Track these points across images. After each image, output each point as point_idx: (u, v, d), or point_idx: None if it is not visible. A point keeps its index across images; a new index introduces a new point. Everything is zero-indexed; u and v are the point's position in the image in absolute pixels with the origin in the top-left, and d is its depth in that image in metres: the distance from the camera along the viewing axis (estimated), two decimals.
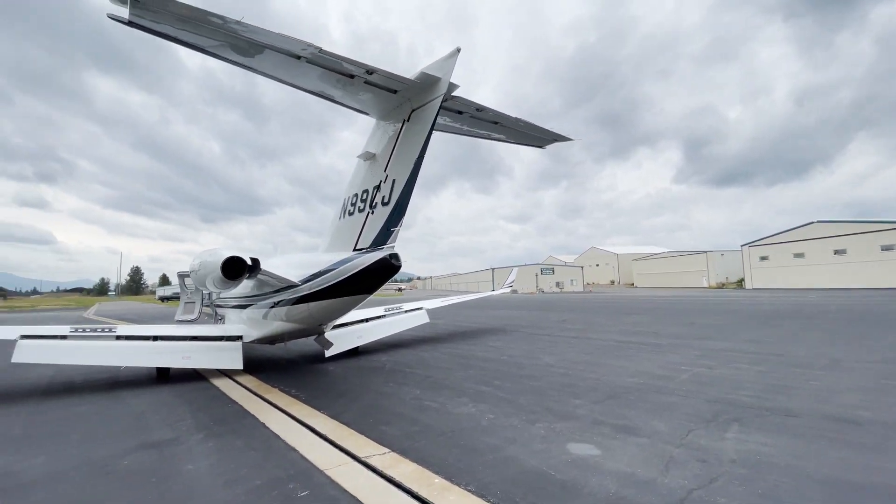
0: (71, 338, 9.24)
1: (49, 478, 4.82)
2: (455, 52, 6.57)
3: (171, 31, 5.24)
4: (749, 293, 55.27)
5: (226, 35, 5.31)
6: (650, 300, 41.35)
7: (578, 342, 14.17)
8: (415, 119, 7.30)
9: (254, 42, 5.49)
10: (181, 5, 4.69)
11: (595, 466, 4.67)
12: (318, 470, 4.84)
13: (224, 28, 5.15)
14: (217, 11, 4.99)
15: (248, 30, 5.21)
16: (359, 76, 6.52)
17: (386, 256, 7.57)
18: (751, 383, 8.04)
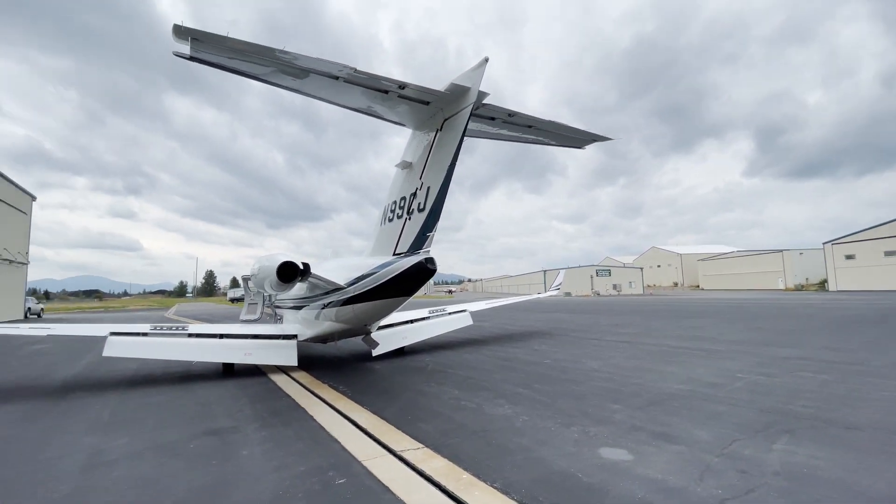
0: (151, 335, 10.38)
1: (129, 456, 5.56)
2: (483, 62, 6.75)
3: (227, 63, 5.89)
4: (831, 296, 50.03)
5: (272, 63, 5.88)
6: (715, 303, 38.71)
7: (628, 347, 13.70)
8: (447, 128, 7.56)
9: (297, 67, 6.03)
10: (233, 40, 5.29)
11: (625, 471, 4.63)
12: (356, 460, 5.19)
13: (270, 57, 5.71)
14: (268, 41, 5.56)
15: (291, 57, 5.75)
16: (392, 91, 6.91)
17: (422, 261, 7.87)
18: (813, 393, 7.46)
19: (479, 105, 7.37)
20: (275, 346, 11.08)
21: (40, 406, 8.28)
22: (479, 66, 6.83)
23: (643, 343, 14.44)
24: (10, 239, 41.66)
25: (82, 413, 7.71)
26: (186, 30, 5.20)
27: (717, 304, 38.06)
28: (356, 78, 6.43)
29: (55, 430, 6.76)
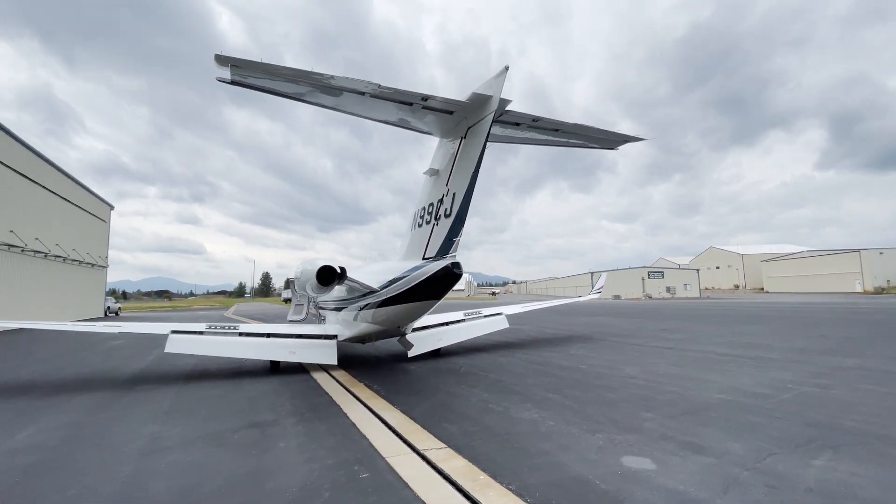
0: (206, 333, 11.26)
1: (181, 444, 6.14)
2: (504, 71, 6.84)
3: (264, 85, 6.41)
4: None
5: (304, 83, 6.33)
6: (779, 308, 36.00)
7: (671, 353, 13.16)
8: (471, 135, 7.71)
9: (327, 86, 6.45)
10: (267, 65, 5.77)
11: (645, 481, 4.56)
12: (381, 457, 5.45)
13: (301, 77, 6.15)
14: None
15: (319, 77, 6.16)
16: (416, 103, 7.17)
17: (448, 265, 8.06)
18: (867, 407, 6.89)
19: (503, 112, 7.47)
20: (316, 345, 11.66)
21: (111, 396, 9.25)
22: (499, 74, 6.94)
23: (688, 349, 13.81)
24: (92, 245, 46.24)
25: (146, 404, 8.54)
26: (226, 58, 5.73)
27: (780, 308, 35.38)
28: (381, 92, 6.76)
29: (122, 418, 7.56)
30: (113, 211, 55.02)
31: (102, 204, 50.80)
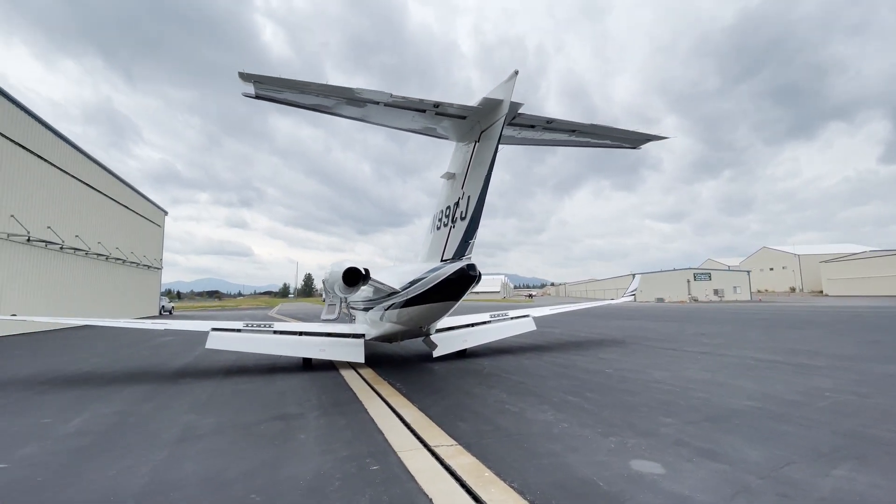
0: (244, 331, 11.93)
1: (213, 431, 6.61)
2: (513, 75, 6.91)
3: (287, 98, 6.82)
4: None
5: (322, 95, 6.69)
6: (834, 312, 33.50)
7: (706, 358, 12.64)
8: (484, 139, 7.83)
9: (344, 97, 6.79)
10: (285, 80, 6.17)
11: (651, 484, 4.51)
12: (393, 451, 5.66)
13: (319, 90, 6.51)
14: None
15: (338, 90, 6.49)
16: (429, 110, 7.36)
17: (463, 267, 8.19)
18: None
19: (515, 115, 7.53)
20: (345, 343, 12.08)
21: (156, 388, 10.01)
22: (509, 79, 7.03)
23: (726, 354, 13.21)
24: (149, 248, 49.64)
25: (186, 395, 9.19)
26: (249, 75, 6.17)
27: (836, 313, 32.91)
28: (395, 101, 7.02)
29: (164, 408, 8.19)
30: (167, 216, 58.84)
31: (158, 210, 54.44)
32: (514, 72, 6.88)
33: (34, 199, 26.32)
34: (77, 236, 31.27)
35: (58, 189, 29.24)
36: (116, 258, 38.76)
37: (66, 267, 30.32)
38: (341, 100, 6.88)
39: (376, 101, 6.95)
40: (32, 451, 5.86)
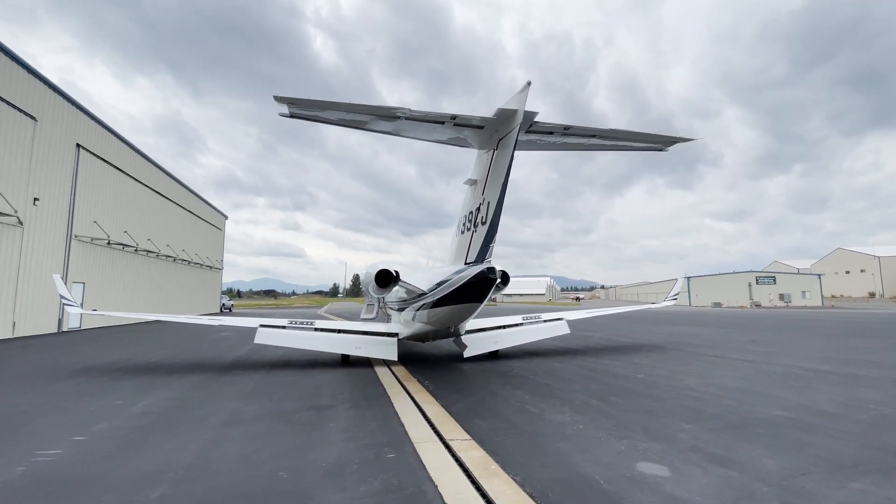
0: (288, 328, 12.85)
1: (254, 419, 7.32)
2: (526, 86, 7.14)
3: (318, 116, 7.45)
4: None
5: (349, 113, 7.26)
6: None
7: (748, 367, 12.09)
8: (501, 146, 8.10)
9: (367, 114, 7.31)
10: (315, 101, 6.79)
11: (652, 486, 4.60)
12: (410, 442, 6.06)
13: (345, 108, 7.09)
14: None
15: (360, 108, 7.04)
16: (447, 121, 7.73)
17: (484, 270, 8.47)
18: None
19: (531, 123, 7.74)
20: (379, 342, 12.69)
21: (210, 378, 11.05)
22: (522, 90, 7.27)
23: (772, 363, 12.54)
24: (210, 250, 53.55)
25: (235, 385, 10.11)
26: (283, 98, 6.84)
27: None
28: (414, 115, 7.47)
29: (214, 395, 9.09)
30: (228, 220, 63.18)
31: (219, 214, 58.61)
32: (526, 83, 7.11)
33: (113, 206, 29.37)
34: (149, 239, 34.45)
35: (132, 196, 32.40)
36: (183, 259, 42.22)
37: (139, 267, 33.50)
38: (366, 116, 7.43)
39: (397, 116, 7.44)
40: (105, 427, 6.81)
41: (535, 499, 4.35)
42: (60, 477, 4.91)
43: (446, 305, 9.73)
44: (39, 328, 22.09)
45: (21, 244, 20.70)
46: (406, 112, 7.30)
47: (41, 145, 21.86)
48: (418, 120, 7.67)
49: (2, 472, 5.02)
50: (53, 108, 22.72)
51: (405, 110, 7.24)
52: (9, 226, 19.92)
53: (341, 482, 4.75)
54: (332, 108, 7.12)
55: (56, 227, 23.48)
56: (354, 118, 7.54)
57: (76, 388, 9.77)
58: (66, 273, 24.28)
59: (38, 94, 21.53)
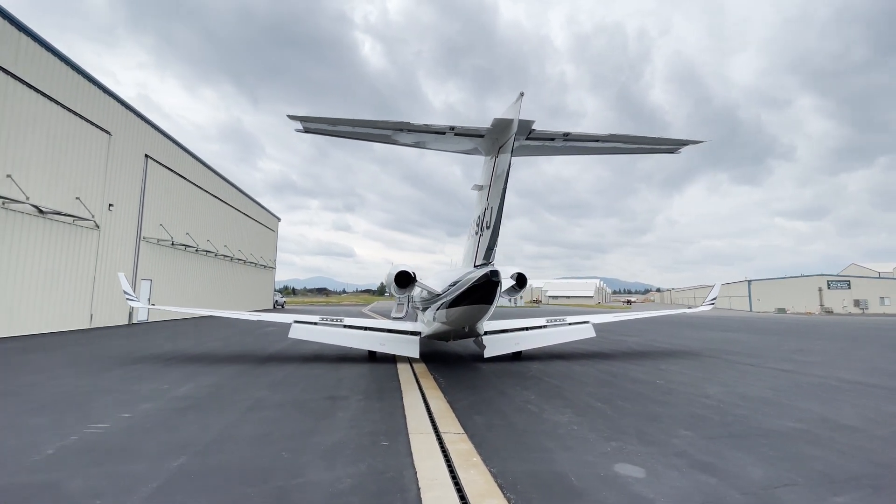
0: (319, 324, 13.73)
1: (275, 405, 8.07)
2: (519, 97, 7.36)
3: (329, 130, 8.10)
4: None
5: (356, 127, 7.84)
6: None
7: (782, 376, 11.48)
8: (501, 153, 8.36)
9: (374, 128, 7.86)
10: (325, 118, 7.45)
11: (620, 486, 4.74)
12: (406, 432, 6.50)
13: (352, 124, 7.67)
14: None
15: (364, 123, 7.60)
16: (448, 132, 8.12)
17: (487, 273, 8.76)
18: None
19: (530, 132, 7.94)
20: (403, 339, 13.25)
21: (248, 368, 12.08)
22: (516, 101, 7.55)
23: (810, 373, 11.82)
24: (265, 250, 56.99)
25: (267, 376, 11.02)
26: (296, 116, 7.54)
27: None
28: (416, 127, 7.92)
29: (248, 384, 10.01)
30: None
31: (272, 216, 62.26)
32: (520, 94, 7.35)
33: (176, 210, 32.22)
34: (208, 240, 37.38)
35: (193, 201, 35.34)
36: (238, 259, 45.33)
37: (199, 266, 36.45)
38: (373, 131, 7.99)
39: (400, 129, 7.93)
40: (149, 407, 7.80)
41: (503, 489, 4.64)
42: (104, 446, 5.80)
43: (458, 306, 10.10)
44: (113, 320, 24.76)
45: (98, 245, 23.35)
46: (407, 125, 7.78)
47: (115, 157, 24.52)
48: (420, 132, 8.12)
49: (60, 439, 6.00)
50: (125, 123, 25.41)
51: (406, 123, 7.72)
52: (87, 229, 22.56)
53: (332, 463, 5.28)
54: (339, 123, 7.74)
55: (127, 229, 26.21)
56: (362, 132, 8.12)
57: (133, 373, 11.08)
58: (136, 271, 27.02)
59: (112, 110, 24.18)
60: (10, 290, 18.01)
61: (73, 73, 21.09)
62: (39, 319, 19.52)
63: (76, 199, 21.53)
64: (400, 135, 8.19)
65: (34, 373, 10.86)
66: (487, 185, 9.22)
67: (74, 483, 4.65)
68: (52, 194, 19.99)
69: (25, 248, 18.69)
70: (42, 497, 4.34)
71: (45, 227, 19.81)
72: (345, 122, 7.73)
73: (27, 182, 18.42)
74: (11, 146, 17.85)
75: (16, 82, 17.84)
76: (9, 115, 17.64)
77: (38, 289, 19.44)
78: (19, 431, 6.34)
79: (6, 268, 17.80)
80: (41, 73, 19.11)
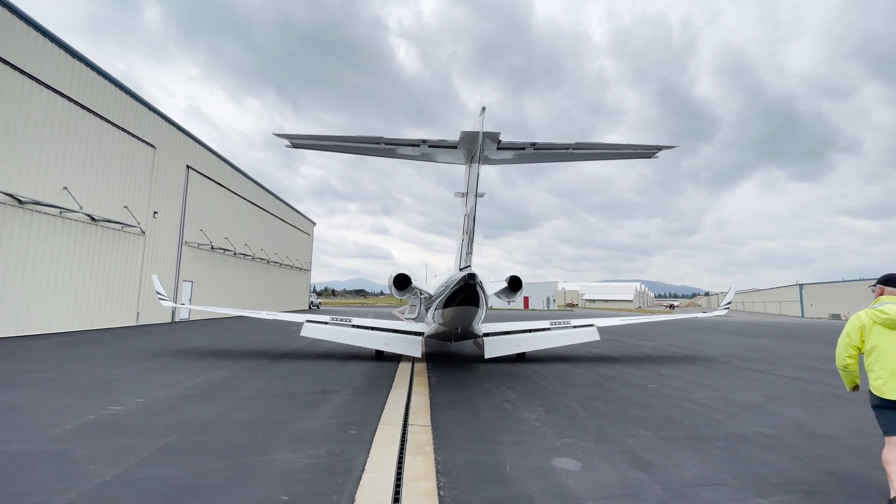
0: (329, 324, 14.56)
1: (271, 396, 8.84)
2: (482, 111, 7.79)
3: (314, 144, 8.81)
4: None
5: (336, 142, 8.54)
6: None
7: (787, 384, 11.15)
8: (472, 163, 8.76)
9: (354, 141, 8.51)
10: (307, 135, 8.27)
11: (548, 477, 5.04)
12: (377, 423, 7.05)
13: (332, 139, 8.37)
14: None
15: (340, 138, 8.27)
16: (421, 145, 8.66)
17: (465, 276, 9.18)
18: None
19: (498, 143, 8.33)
20: (406, 339, 13.84)
21: (261, 363, 13.05)
22: (480, 114, 7.98)
23: (819, 382, 11.39)
24: (300, 253, 59.56)
25: (276, 370, 11.90)
26: (281, 135, 8.33)
27: None
28: (392, 141, 8.51)
29: (255, 377, 10.89)
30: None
31: (307, 221, 64.98)
32: (482, 108, 7.78)
33: (215, 217, 34.53)
34: (245, 244, 39.68)
35: (231, 207, 37.68)
36: (274, 262, 47.71)
37: (237, 268, 38.76)
38: (353, 144, 8.64)
39: (377, 143, 8.54)
40: (161, 395, 8.77)
41: (439, 474, 5.08)
42: (113, 424, 6.72)
43: (448, 307, 10.58)
44: (157, 318, 26.93)
45: (143, 249, 25.55)
46: (382, 139, 8.37)
47: (159, 168, 26.75)
48: (396, 145, 8.70)
49: (79, 418, 6.98)
50: (168, 137, 27.67)
51: (381, 138, 8.31)
52: (134, 235, 24.75)
53: (298, 446, 5.91)
54: (321, 139, 8.46)
55: (170, 235, 28.45)
56: (345, 145, 8.80)
57: (160, 365, 12.28)
58: (178, 273, 29.24)
59: (157, 126, 26.42)
60: (65, 289, 20.15)
61: (122, 94, 23.29)
62: (91, 316, 21.65)
63: (124, 208, 23.70)
64: (378, 148, 8.81)
65: (76, 363, 12.27)
66: (465, 190, 9.68)
67: (79, 452, 5.51)
68: (103, 204, 22.16)
69: (79, 253, 20.84)
70: (51, 461, 5.21)
71: (97, 233, 21.98)
72: (325, 137, 8.45)
73: (81, 193, 20.55)
74: (67, 162, 20.00)
75: (71, 104, 20.00)
76: (65, 135, 19.81)
77: (90, 289, 21.59)
78: (50, 410, 7.40)
79: (63, 270, 19.93)
80: (94, 95, 21.28)
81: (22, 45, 17.69)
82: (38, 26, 18.34)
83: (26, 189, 17.91)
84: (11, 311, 17.64)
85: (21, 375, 10.27)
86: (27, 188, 17.97)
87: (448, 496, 4.53)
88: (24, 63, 17.75)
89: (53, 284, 19.49)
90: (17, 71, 17.47)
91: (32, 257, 18.48)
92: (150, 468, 5.05)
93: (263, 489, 4.57)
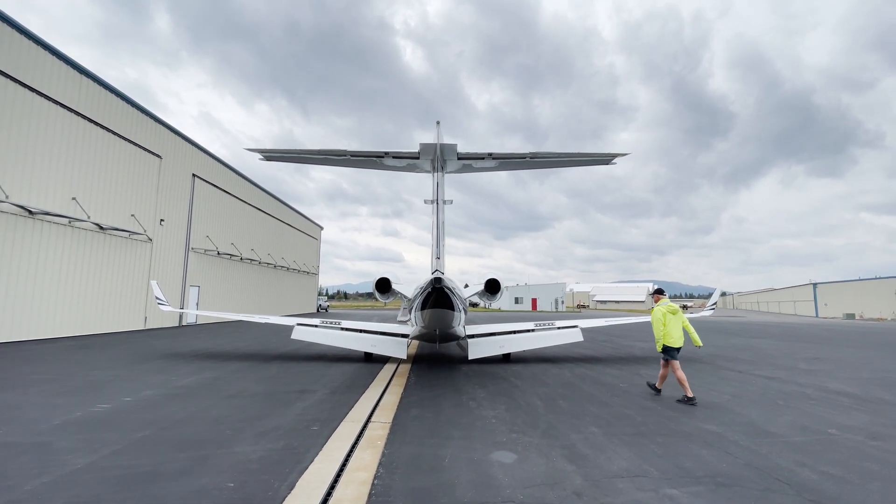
0: (319, 327, 15.08)
1: (251, 395, 9.34)
2: (437, 125, 8.24)
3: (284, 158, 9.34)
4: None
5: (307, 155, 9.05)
6: None
7: (762, 384, 11.29)
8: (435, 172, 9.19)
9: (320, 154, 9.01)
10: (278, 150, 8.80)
11: (481, 468, 5.41)
12: (339, 420, 7.49)
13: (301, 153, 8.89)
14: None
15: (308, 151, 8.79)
16: (385, 157, 9.12)
17: (433, 279, 9.61)
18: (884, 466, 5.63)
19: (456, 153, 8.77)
20: (392, 341, 14.27)
21: (251, 365, 13.61)
22: (436, 127, 8.42)
23: (795, 382, 11.50)
24: (307, 257, 60.54)
25: (263, 371, 12.43)
26: (253, 150, 8.87)
27: None
28: (354, 153, 8.98)
29: (241, 378, 11.42)
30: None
31: (314, 225, 66.03)
32: (436, 122, 8.24)
33: (221, 223, 35.48)
34: (252, 249, 40.63)
35: (237, 213, 38.65)
36: (281, 266, 48.66)
37: (243, 273, 39.71)
38: (320, 156, 9.14)
39: (343, 155, 9.02)
40: (149, 394, 9.34)
41: (381, 465, 5.51)
42: (98, 420, 7.28)
43: (424, 310, 11.02)
44: (164, 322, 27.85)
45: (150, 256, 26.49)
46: (349, 152, 8.86)
47: (165, 177, 27.72)
48: (362, 156, 9.17)
49: (68, 414, 7.57)
50: (174, 147, 28.66)
51: (346, 151, 8.80)
52: (141, 242, 25.70)
53: (259, 439, 6.38)
54: (290, 152, 8.99)
55: (177, 241, 29.40)
56: (314, 157, 9.31)
57: (154, 366, 12.92)
58: (185, 278, 30.17)
59: (163, 137, 27.41)
60: (75, 295, 21.08)
61: (128, 106, 24.28)
62: (100, 321, 22.57)
63: (131, 216, 24.65)
64: (345, 160, 9.29)
65: (77, 365, 12.98)
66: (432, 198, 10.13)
67: (61, 444, 6.07)
68: (111, 213, 23.11)
69: (88, 260, 21.77)
70: (32, 452, 5.76)
71: (105, 241, 22.92)
72: (295, 151, 8.97)
73: (89, 203, 21.50)
74: (76, 173, 20.97)
75: (79, 118, 20.97)
76: (74, 148, 20.78)
77: (99, 294, 22.51)
78: (43, 408, 8.01)
79: (72, 276, 20.87)
80: (101, 109, 22.26)
81: (32, 65, 18.69)
82: (47, 46, 19.33)
83: (37, 200, 18.88)
84: (24, 316, 18.57)
85: (23, 377, 10.97)
86: (37, 199, 18.94)
87: (380, 484, 4.95)
88: (35, 81, 18.74)
89: (64, 290, 20.43)
90: (27, 88, 18.45)
91: (43, 265, 19.43)
92: (119, 458, 5.58)
93: (215, 477, 5.04)
